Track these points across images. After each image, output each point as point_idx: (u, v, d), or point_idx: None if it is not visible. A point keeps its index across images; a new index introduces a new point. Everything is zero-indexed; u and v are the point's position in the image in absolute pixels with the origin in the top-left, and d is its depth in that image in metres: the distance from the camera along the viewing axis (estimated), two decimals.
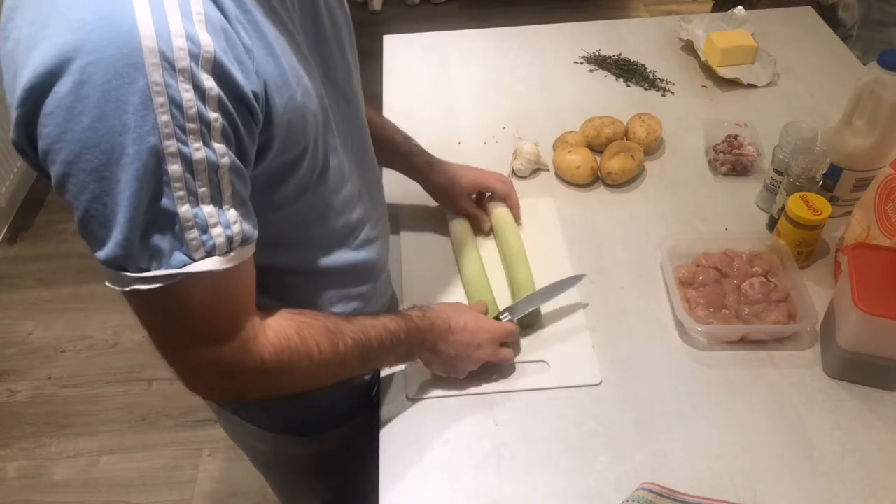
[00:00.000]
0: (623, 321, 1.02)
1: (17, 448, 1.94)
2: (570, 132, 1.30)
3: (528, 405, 0.92)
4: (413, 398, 0.93)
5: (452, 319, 0.88)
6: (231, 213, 0.60)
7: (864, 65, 1.28)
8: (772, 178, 1.13)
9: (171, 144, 0.54)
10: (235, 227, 0.61)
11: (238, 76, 0.57)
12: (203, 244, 0.59)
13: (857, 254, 0.92)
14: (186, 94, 0.54)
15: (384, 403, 0.93)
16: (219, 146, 0.57)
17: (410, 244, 1.14)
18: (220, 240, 0.59)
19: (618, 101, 1.41)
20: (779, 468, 0.85)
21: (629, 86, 1.46)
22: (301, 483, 1.11)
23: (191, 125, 0.55)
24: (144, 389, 2.05)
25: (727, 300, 1.01)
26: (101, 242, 0.57)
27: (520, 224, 1.15)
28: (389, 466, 0.87)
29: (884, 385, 0.92)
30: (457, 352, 0.88)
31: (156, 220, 0.56)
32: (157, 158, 0.54)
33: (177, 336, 0.65)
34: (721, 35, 1.45)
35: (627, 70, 1.48)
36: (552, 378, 0.95)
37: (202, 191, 0.57)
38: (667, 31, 1.60)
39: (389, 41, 1.61)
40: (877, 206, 0.98)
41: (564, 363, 0.96)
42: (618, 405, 0.92)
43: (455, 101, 1.44)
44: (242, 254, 0.63)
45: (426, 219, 1.17)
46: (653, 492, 0.81)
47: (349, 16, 0.83)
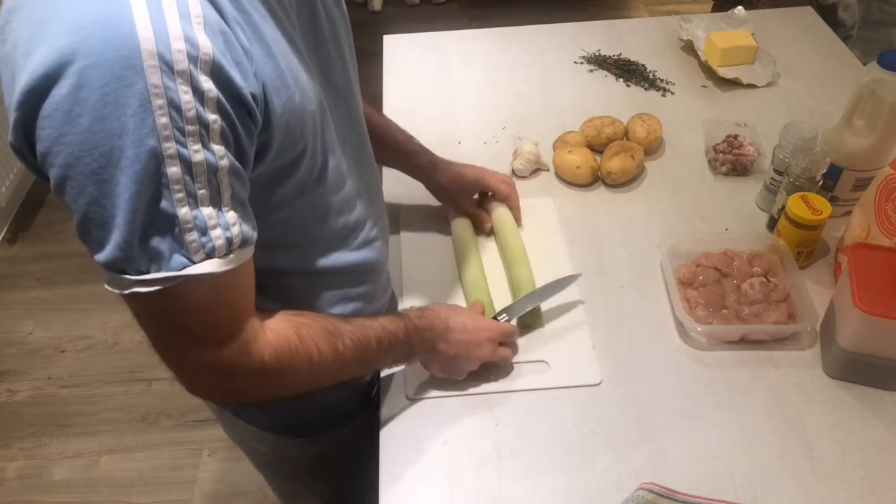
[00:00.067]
0: (623, 321, 1.02)
1: (17, 448, 1.94)
2: (570, 132, 1.30)
3: (528, 405, 0.92)
4: (413, 398, 0.93)
5: (451, 319, 0.89)
6: (230, 215, 0.60)
7: (864, 65, 1.28)
8: (772, 178, 1.13)
9: (170, 147, 0.54)
10: (235, 229, 0.61)
11: (236, 78, 0.57)
12: (202, 246, 0.58)
13: (857, 254, 0.92)
14: (185, 97, 0.54)
15: (384, 403, 0.93)
16: (218, 148, 0.57)
17: (410, 244, 1.14)
18: (220, 242, 0.59)
19: (618, 101, 1.41)
20: (779, 468, 0.85)
21: (629, 86, 1.46)
22: (301, 484, 1.11)
23: (190, 127, 0.55)
24: (144, 389, 2.05)
25: (727, 300, 1.01)
26: (101, 245, 0.57)
27: (520, 225, 1.15)
28: (389, 466, 0.87)
29: (884, 385, 0.92)
30: (456, 351, 0.88)
31: (155, 223, 0.56)
32: (157, 161, 0.54)
33: (176, 338, 0.65)
34: (721, 35, 1.45)
35: (627, 70, 1.48)
36: (552, 378, 0.95)
37: (201, 193, 0.57)
38: (667, 31, 1.60)
39: (389, 41, 1.61)
40: (877, 206, 0.98)
41: (564, 363, 0.96)
42: (618, 405, 0.92)
43: (455, 101, 1.44)
44: (242, 255, 0.63)
45: (427, 218, 1.17)
46: (653, 492, 0.81)
47: (347, 16, 0.83)
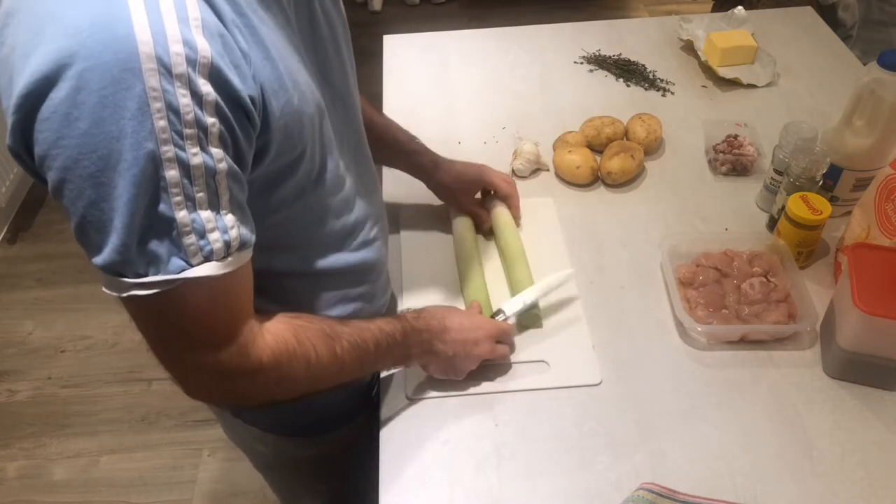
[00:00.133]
0: (623, 321, 1.02)
1: (17, 448, 1.94)
2: (570, 132, 1.30)
3: (528, 405, 0.92)
4: (413, 398, 0.93)
5: (447, 319, 0.89)
6: (228, 218, 0.60)
7: (864, 65, 1.28)
8: (772, 178, 1.13)
9: (169, 150, 0.54)
10: (233, 232, 0.60)
11: (235, 81, 0.57)
12: (201, 249, 0.58)
13: (857, 254, 0.92)
14: (184, 100, 0.53)
15: (384, 403, 0.93)
16: (216, 151, 0.57)
17: (411, 244, 1.14)
18: (218, 245, 0.59)
19: (618, 101, 1.41)
20: (779, 468, 0.85)
21: (629, 86, 1.46)
22: (301, 484, 1.11)
23: (188, 130, 0.54)
24: (144, 389, 2.05)
25: (727, 300, 1.01)
26: (98, 248, 0.57)
27: (519, 224, 1.15)
28: (389, 467, 0.87)
29: (884, 385, 0.92)
30: (454, 351, 0.88)
31: (153, 226, 0.56)
32: (155, 164, 0.54)
33: (175, 341, 0.64)
34: (721, 35, 1.45)
35: (627, 70, 1.48)
36: (552, 378, 0.95)
37: (199, 196, 0.57)
38: (667, 31, 1.60)
39: (389, 41, 1.61)
40: (877, 206, 0.98)
41: (564, 363, 0.96)
42: (618, 405, 0.92)
43: (455, 101, 1.44)
44: (240, 258, 0.63)
45: (427, 218, 1.17)
46: (653, 492, 0.81)
47: (345, 16, 0.82)
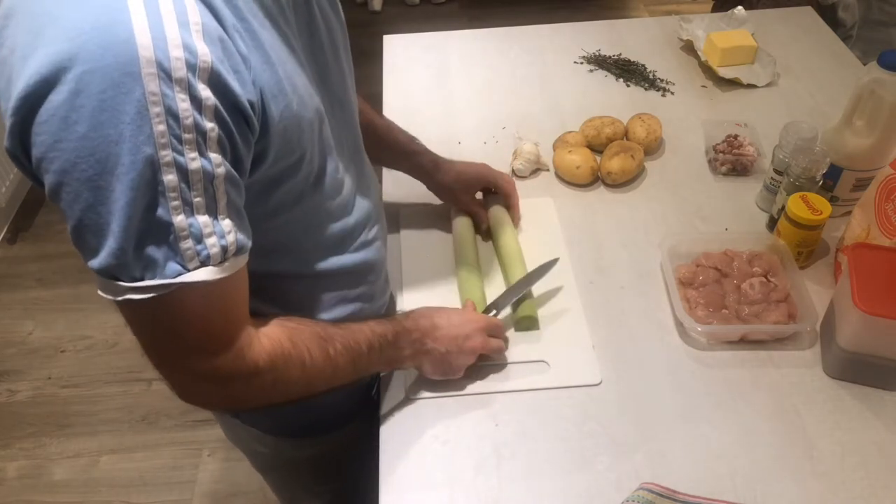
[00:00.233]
0: (623, 321, 1.02)
1: (17, 448, 1.94)
2: (570, 132, 1.30)
3: (528, 405, 0.92)
4: (413, 398, 0.93)
5: (436, 317, 0.89)
6: (226, 223, 0.60)
7: (864, 65, 1.28)
8: (772, 178, 1.13)
9: (167, 154, 0.54)
10: (230, 237, 0.60)
11: (234, 86, 0.57)
12: (197, 254, 0.58)
13: (857, 254, 0.92)
14: (183, 104, 0.53)
15: (384, 403, 0.93)
16: (214, 156, 0.57)
17: (411, 244, 1.14)
18: (215, 250, 0.59)
19: (618, 101, 1.41)
20: (779, 468, 0.85)
21: (629, 86, 1.46)
22: (301, 485, 1.11)
23: (187, 135, 0.54)
24: (144, 389, 2.05)
25: (727, 300, 1.01)
26: (95, 251, 0.57)
27: (518, 224, 1.15)
28: (389, 467, 0.87)
29: (884, 385, 0.92)
30: (447, 347, 0.88)
31: (150, 230, 0.56)
32: (153, 168, 0.54)
33: (170, 346, 0.64)
34: (721, 35, 1.45)
35: (627, 70, 1.48)
36: (552, 378, 0.95)
37: (197, 201, 0.57)
38: (667, 31, 1.60)
39: (389, 41, 1.61)
40: (877, 206, 0.98)
41: (564, 363, 0.96)
42: (618, 405, 0.92)
43: (455, 101, 1.44)
44: (236, 263, 0.62)
45: (427, 218, 1.17)
46: (653, 492, 0.81)
47: (343, 20, 0.83)
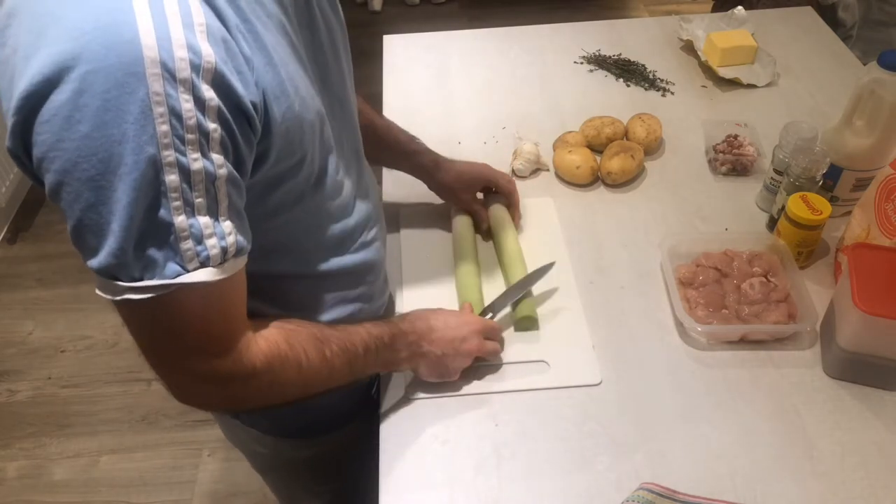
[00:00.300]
0: (623, 321, 1.02)
1: (17, 448, 1.94)
2: (570, 132, 1.30)
3: (528, 405, 0.92)
4: (413, 398, 0.93)
5: (432, 319, 0.89)
6: (226, 225, 0.60)
7: (864, 65, 1.28)
8: (772, 178, 1.13)
9: (170, 155, 0.54)
10: (230, 239, 0.60)
11: (238, 87, 0.57)
12: (197, 255, 0.58)
13: (857, 254, 0.92)
14: (186, 105, 0.53)
15: (384, 403, 0.93)
16: (217, 157, 0.57)
17: (411, 244, 1.14)
18: (215, 251, 0.59)
19: (618, 101, 1.41)
20: (779, 468, 0.85)
21: (629, 86, 1.46)
22: (301, 485, 1.11)
23: (190, 136, 0.54)
24: (144, 389, 2.05)
25: (727, 300, 1.01)
26: (94, 251, 0.57)
27: (518, 224, 1.15)
28: (389, 467, 0.87)
29: (884, 385, 0.92)
30: (443, 349, 0.88)
31: (151, 231, 0.56)
32: (155, 169, 0.54)
33: (168, 347, 0.64)
34: (721, 35, 1.45)
35: (627, 70, 1.48)
36: (552, 378, 0.95)
37: (199, 202, 0.57)
38: (667, 31, 1.60)
39: (389, 41, 1.61)
40: (877, 206, 0.98)
41: (564, 363, 0.96)
42: (618, 405, 0.92)
43: (455, 101, 1.44)
44: (235, 265, 0.62)
45: (427, 218, 1.17)
46: (653, 492, 0.81)
47: (343, 21, 0.83)
